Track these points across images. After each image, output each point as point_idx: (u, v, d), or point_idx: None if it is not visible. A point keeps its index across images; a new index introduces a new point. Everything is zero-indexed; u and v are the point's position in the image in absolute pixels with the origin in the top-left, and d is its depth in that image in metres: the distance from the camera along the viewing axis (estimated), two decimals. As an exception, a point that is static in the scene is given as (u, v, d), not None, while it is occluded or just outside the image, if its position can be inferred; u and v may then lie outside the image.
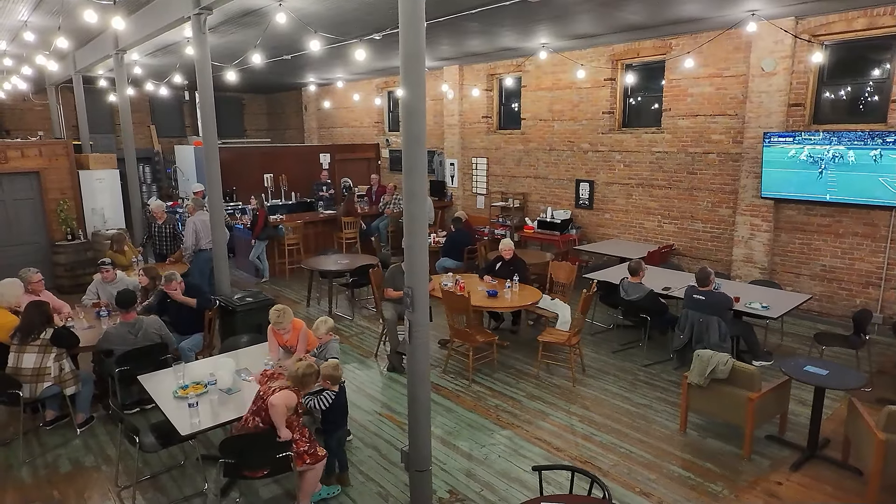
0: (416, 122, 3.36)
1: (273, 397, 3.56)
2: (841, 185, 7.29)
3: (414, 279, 3.51)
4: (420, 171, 3.42)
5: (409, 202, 3.43)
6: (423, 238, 3.53)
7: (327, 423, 4.08)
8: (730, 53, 8.33)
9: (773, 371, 6.21)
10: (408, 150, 3.37)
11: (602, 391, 5.86)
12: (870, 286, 7.45)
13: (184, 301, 5.69)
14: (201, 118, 6.07)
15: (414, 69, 3.31)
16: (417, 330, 3.55)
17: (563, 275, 7.40)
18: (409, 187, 3.42)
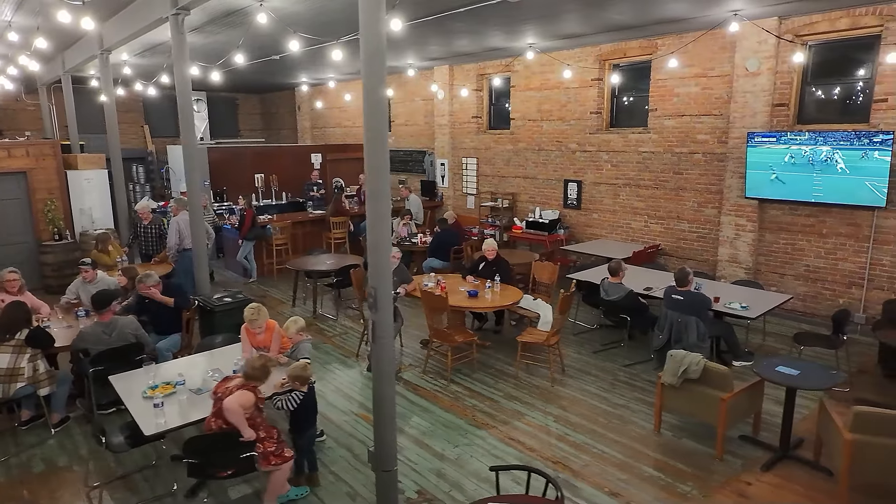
0: (377, 123, 3.36)
1: (226, 400, 3.56)
2: (824, 185, 7.29)
3: (377, 279, 3.51)
4: (382, 170, 3.41)
5: (371, 201, 3.43)
6: (386, 238, 3.53)
7: (296, 424, 4.09)
8: (715, 53, 8.33)
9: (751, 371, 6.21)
10: (370, 149, 3.36)
11: (580, 391, 5.86)
12: (853, 286, 7.45)
13: (161, 301, 5.69)
14: (180, 118, 6.08)
15: (375, 71, 3.31)
16: (381, 330, 3.55)
17: (545, 275, 7.40)
18: (371, 187, 3.42)
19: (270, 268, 10.48)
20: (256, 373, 3.72)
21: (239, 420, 3.54)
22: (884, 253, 7.12)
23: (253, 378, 3.71)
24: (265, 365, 3.75)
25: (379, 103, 3.37)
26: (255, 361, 3.75)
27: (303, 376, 3.98)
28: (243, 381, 3.71)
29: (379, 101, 3.35)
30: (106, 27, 8.15)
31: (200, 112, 18.38)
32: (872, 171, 6.85)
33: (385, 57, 3.35)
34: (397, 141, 14.83)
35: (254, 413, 3.66)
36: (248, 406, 3.61)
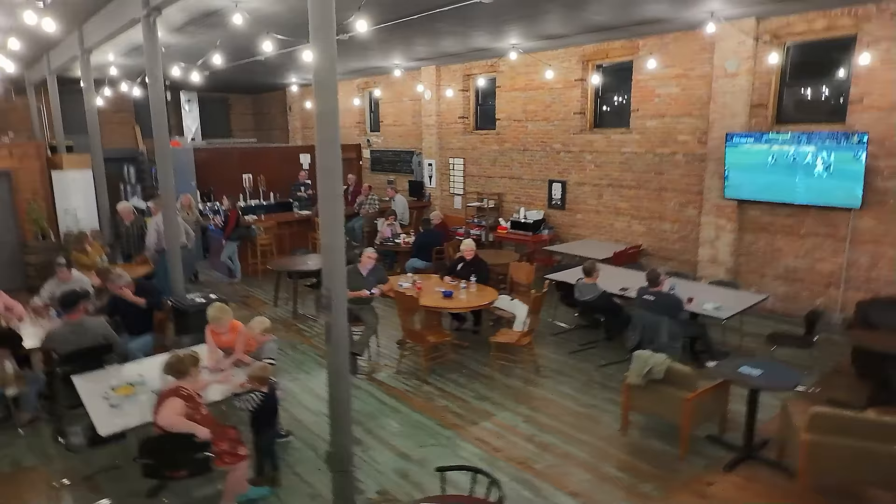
0: (328, 125, 3.37)
1: (158, 418, 3.55)
2: (802, 186, 7.30)
3: (331, 280, 3.52)
4: (335, 172, 3.43)
5: (324, 203, 3.44)
6: (339, 239, 3.54)
7: (257, 424, 4.09)
8: (695, 54, 8.34)
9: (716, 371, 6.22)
10: (322, 153, 3.37)
11: (553, 391, 5.87)
12: (831, 286, 7.46)
13: (133, 301, 5.70)
14: (153, 119, 6.09)
15: (326, 74, 3.32)
16: (336, 332, 3.56)
17: (522, 275, 7.41)
18: (323, 189, 3.43)
19: (255, 268, 10.48)
20: (172, 369, 3.71)
21: (186, 426, 3.55)
22: (860, 253, 7.13)
23: (173, 373, 3.69)
24: (182, 359, 3.73)
25: (330, 110, 3.38)
26: (171, 357, 3.74)
27: (262, 377, 3.99)
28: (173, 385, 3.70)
29: (330, 107, 3.37)
30: (87, 28, 8.16)
31: (192, 112, 18.39)
32: (848, 172, 6.86)
33: (335, 63, 3.36)
34: (386, 141, 14.85)
35: (190, 412, 3.64)
36: (178, 409, 3.59)
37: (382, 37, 8.94)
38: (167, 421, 3.52)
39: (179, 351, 3.85)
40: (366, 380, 6.18)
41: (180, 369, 3.69)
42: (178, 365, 3.69)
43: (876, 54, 6.67)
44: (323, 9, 3.22)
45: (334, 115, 3.37)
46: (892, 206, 6.81)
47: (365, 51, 10.44)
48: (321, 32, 3.26)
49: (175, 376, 3.70)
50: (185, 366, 3.71)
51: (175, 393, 3.65)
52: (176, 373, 3.69)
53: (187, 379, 3.70)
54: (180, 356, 3.74)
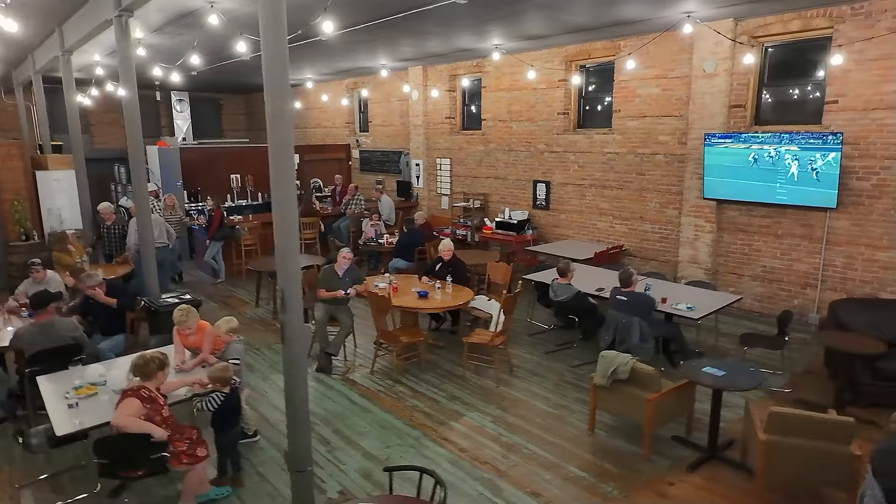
0: (281, 127, 3.38)
1: (114, 420, 3.57)
2: (779, 186, 7.31)
3: (286, 280, 3.53)
4: (287, 175, 3.43)
5: (278, 205, 3.45)
6: (293, 240, 3.55)
7: (218, 425, 4.10)
8: (675, 55, 8.36)
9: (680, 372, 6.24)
10: (275, 154, 3.38)
11: (524, 392, 5.89)
12: (808, 287, 7.48)
13: (104, 301, 5.71)
14: (126, 119, 6.10)
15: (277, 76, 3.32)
16: (291, 331, 3.57)
17: (499, 275, 7.42)
18: (277, 191, 3.43)
19: (239, 268, 10.50)
20: (139, 369, 3.71)
21: (138, 427, 3.56)
22: (836, 254, 7.15)
23: (139, 374, 3.70)
24: (148, 361, 3.74)
25: (282, 112, 3.38)
26: (138, 358, 3.75)
27: (223, 378, 4.00)
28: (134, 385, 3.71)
29: (282, 109, 3.37)
30: (66, 28, 8.17)
31: (183, 112, 18.41)
32: (824, 173, 6.88)
33: (286, 64, 3.36)
34: (374, 141, 14.86)
35: (150, 413, 3.67)
36: (134, 410, 3.60)
37: (367, 37, 8.96)
38: (118, 421, 3.53)
39: (148, 352, 3.86)
40: (340, 380, 6.20)
41: (146, 371, 3.71)
42: (144, 366, 3.70)
43: (850, 55, 6.69)
44: (273, 8, 3.23)
45: (287, 117, 3.37)
46: (866, 207, 6.83)
47: (351, 51, 10.46)
48: (272, 32, 3.26)
49: (141, 377, 3.71)
50: (151, 367, 3.72)
51: (135, 394, 3.66)
52: (142, 374, 3.71)
53: (153, 380, 3.72)
54: (147, 357, 3.76)
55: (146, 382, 3.73)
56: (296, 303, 3.58)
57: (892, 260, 6.71)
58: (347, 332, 6.59)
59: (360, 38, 9.15)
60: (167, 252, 8.23)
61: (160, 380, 3.79)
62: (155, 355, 3.81)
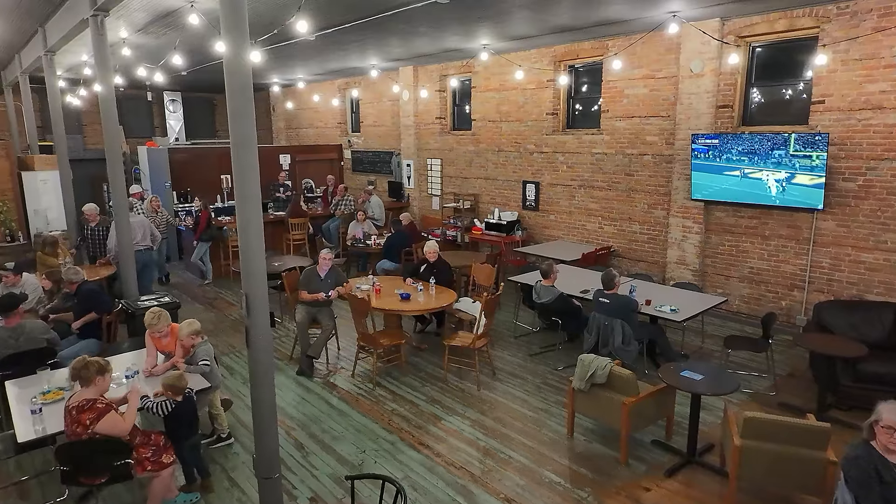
0: (244, 125, 3.32)
1: (126, 430, 3.52)
2: (765, 187, 7.26)
3: (250, 283, 3.48)
4: (250, 174, 3.38)
5: (241, 205, 3.39)
6: (257, 241, 3.49)
7: (172, 433, 3.99)
8: (661, 55, 8.30)
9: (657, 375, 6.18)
10: (237, 153, 3.33)
11: (505, 395, 5.83)
12: (794, 288, 7.42)
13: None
14: (102, 119, 6.04)
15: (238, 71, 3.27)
16: (256, 335, 3.51)
17: (483, 277, 7.37)
18: (240, 190, 3.38)
19: (227, 269, 10.44)
20: (78, 374, 3.62)
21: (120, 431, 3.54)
22: (823, 255, 7.10)
23: (79, 380, 3.63)
24: (87, 365, 3.64)
25: (244, 109, 3.33)
26: (77, 362, 3.68)
27: (177, 386, 3.92)
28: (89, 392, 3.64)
29: (244, 106, 3.31)
30: (49, 28, 8.12)
31: (176, 113, 18.36)
32: (811, 173, 6.82)
33: (248, 59, 3.31)
34: (366, 142, 14.81)
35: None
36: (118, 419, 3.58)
37: (356, 37, 8.92)
38: (102, 428, 3.50)
39: (89, 357, 3.77)
40: (321, 383, 6.14)
41: (85, 375, 3.61)
42: (83, 370, 3.61)
43: (836, 55, 6.63)
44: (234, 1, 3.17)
45: (249, 115, 3.31)
46: (853, 208, 6.78)
47: (341, 51, 10.41)
48: (232, 25, 3.20)
49: (80, 382, 3.63)
50: (90, 371, 3.62)
51: (104, 406, 3.57)
52: (81, 378, 3.62)
53: (93, 386, 3.62)
54: (86, 361, 3.66)
55: (86, 388, 3.62)
56: (261, 307, 3.52)
57: (877, 261, 6.66)
58: (329, 334, 6.53)
59: (350, 38, 9.10)
60: (151, 254, 8.17)
61: (101, 386, 3.66)
62: (95, 360, 3.71)
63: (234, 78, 3.26)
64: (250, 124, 3.32)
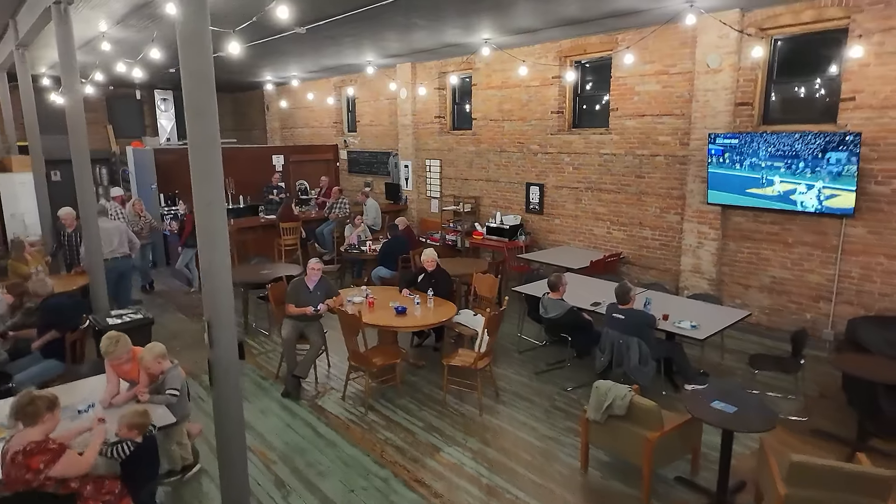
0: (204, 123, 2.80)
1: (55, 471, 3.02)
2: (789, 190, 6.74)
3: (214, 307, 2.95)
4: (213, 178, 2.86)
5: (203, 214, 2.87)
6: (222, 257, 2.96)
7: (129, 477, 3.45)
8: (676, 49, 7.78)
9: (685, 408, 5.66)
10: (196, 154, 2.80)
11: (510, 421, 5.30)
12: (820, 300, 6.90)
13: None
14: (67, 116, 5.51)
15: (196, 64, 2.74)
16: (220, 370, 2.99)
17: (485, 287, 6.83)
18: (201, 197, 2.85)
19: (214, 276, 9.89)
20: (23, 412, 3.10)
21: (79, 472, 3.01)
22: (852, 264, 6.57)
23: (23, 418, 3.09)
24: (34, 400, 3.11)
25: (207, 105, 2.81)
26: (22, 397, 3.15)
27: (140, 424, 3.40)
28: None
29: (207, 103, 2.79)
30: (19, 21, 7.59)
31: (167, 112, 17.83)
32: (839, 176, 6.30)
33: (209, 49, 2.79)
34: (363, 142, 14.28)
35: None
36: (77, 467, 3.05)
37: (351, 30, 8.40)
38: (58, 471, 2.97)
39: (35, 391, 3.24)
40: (307, 406, 5.61)
41: (30, 413, 3.08)
42: (28, 407, 3.08)
43: (868, 48, 6.11)
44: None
45: (211, 113, 2.79)
46: (886, 213, 6.26)
47: (336, 46, 9.88)
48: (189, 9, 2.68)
49: (24, 421, 3.09)
50: (36, 408, 3.09)
51: (58, 451, 3.06)
52: (24, 417, 3.09)
53: (40, 424, 3.09)
54: (32, 396, 3.13)
55: (32, 428, 3.09)
56: (227, 336, 2.99)
57: (915, 272, 6.14)
58: (318, 352, 6.00)
59: (344, 32, 8.58)
60: (128, 262, 7.63)
61: (49, 425, 3.14)
62: (43, 394, 3.18)
63: (192, 69, 2.73)
64: (213, 123, 2.80)
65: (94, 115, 17.47)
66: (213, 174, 2.82)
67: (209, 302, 2.98)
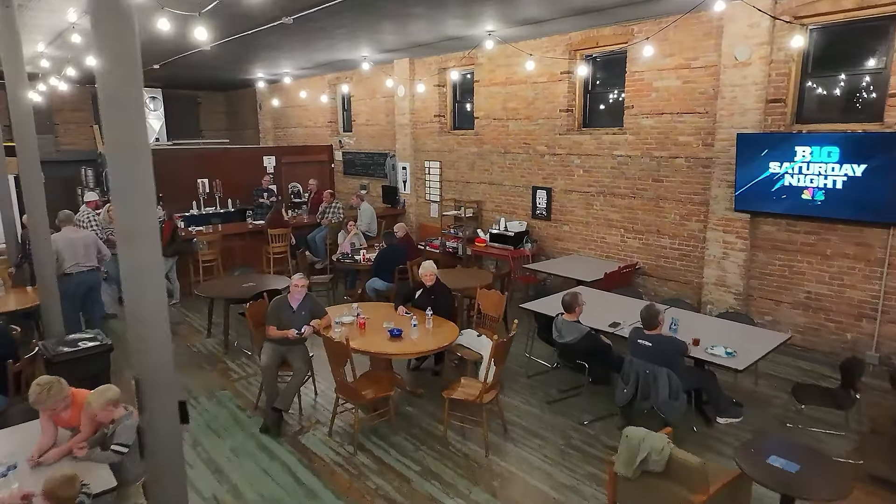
0: (131, 122, 2.10)
1: None
2: (827, 196, 6.05)
3: (145, 361, 2.25)
4: (144, 194, 2.17)
5: (126, 246, 2.18)
6: (156, 294, 2.27)
7: None
8: (699, 41, 7.09)
9: (741, 430, 4.99)
10: (115, 165, 2.11)
11: (521, 464, 4.60)
12: (863, 318, 6.20)
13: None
14: (12, 114, 4.82)
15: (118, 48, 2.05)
16: (154, 442, 2.29)
17: (490, 306, 6.13)
18: (122, 220, 2.16)
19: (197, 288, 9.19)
20: None
21: None
22: (900, 280, 5.89)
23: None
24: None
25: (128, 95, 2.11)
26: None
27: (62, 497, 2.71)
28: None
29: (128, 93, 2.10)
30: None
31: (156, 111, 17.14)
32: (885, 181, 5.61)
33: (133, 22, 2.09)
34: (358, 142, 13.58)
35: None
36: None
37: (344, 21, 7.72)
38: None
39: None
40: (288, 445, 4.91)
41: None
42: None
43: (923, 37, 5.42)
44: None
45: (135, 100, 2.10)
46: (941, 223, 5.57)
47: (328, 39, 9.19)
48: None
49: None
50: None
51: None
52: None
53: None
54: None
55: None
56: (164, 398, 2.30)
57: (977, 290, 5.44)
58: (302, 380, 5.31)
59: (337, 23, 7.90)
60: (96, 275, 6.94)
61: None
62: None
63: (110, 40, 2.03)
64: (138, 119, 2.10)
65: (80, 114, 16.84)
66: (140, 191, 2.13)
67: (139, 355, 2.28)
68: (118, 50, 2.04)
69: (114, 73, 2.04)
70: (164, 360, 2.32)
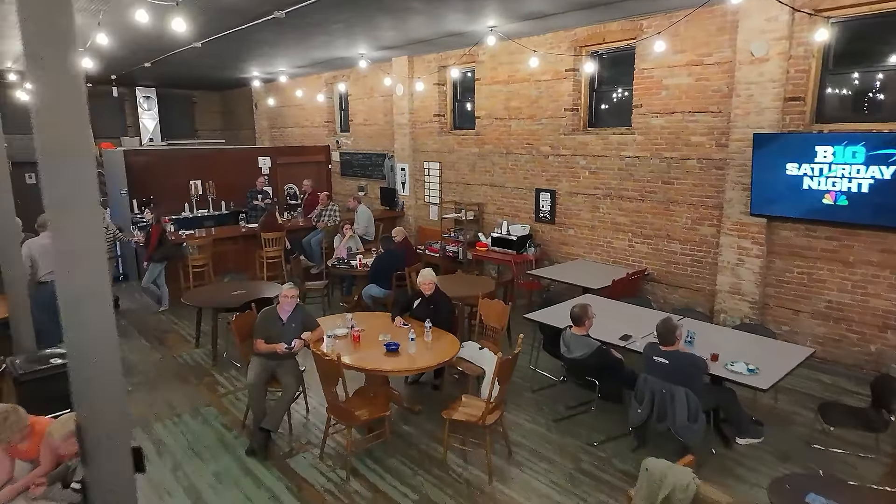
0: (67, 125, 1.75)
1: None
2: (850, 200, 5.70)
3: (90, 405, 1.89)
4: (86, 202, 1.81)
5: (61, 270, 1.83)
6: (102, 310, 1.92)
7: None
8: (712, 36, 6.73)
9: (762, 451, 4.64)
10: (48, 169, 1.76)
11: (527, 491, 4.25)
12: (888, 329, 5.85)
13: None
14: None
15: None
16: (102, 496, 1.93)
17: (493, 316, 5.78)
18: (59, 237, 1.81)
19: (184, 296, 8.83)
20: None
21: None
22: (929, 289, 5.53)
23: None
24: None
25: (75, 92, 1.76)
26: None
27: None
28: None
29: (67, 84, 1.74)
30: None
31: (150, 111, 16.79)
32: (917, 185, 5.26)
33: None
34: (356, 142, 13.23)
35: None
36: None
37: (340, 16, 7.37)
38: None
39: None
40: (276, 469, 4.55)
41: None
42: None
43: (956, 30, 5.07)
44: None
45: (78, 96, 1.75)
46: (974, 230, 5.22)
47: (324, 36, 8.84)
48: None
49: None
50: None
51: None
52: None
53: None
54: None
55: None
56: (114, 445, 1.94)
57: None
58: (292, 397, 4.96)
59: (333, 19, 7.55)
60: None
61: None
62: None
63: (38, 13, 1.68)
64: (81, 121, 1.75)
65: (72, 113, 16.49)
66: (82, 202, 1.78)
67: (82, 399, 1.92)
68: (50, 21, 1.69)
69: (45, 53, 1.69)
70: (116, 404, 1.96)
